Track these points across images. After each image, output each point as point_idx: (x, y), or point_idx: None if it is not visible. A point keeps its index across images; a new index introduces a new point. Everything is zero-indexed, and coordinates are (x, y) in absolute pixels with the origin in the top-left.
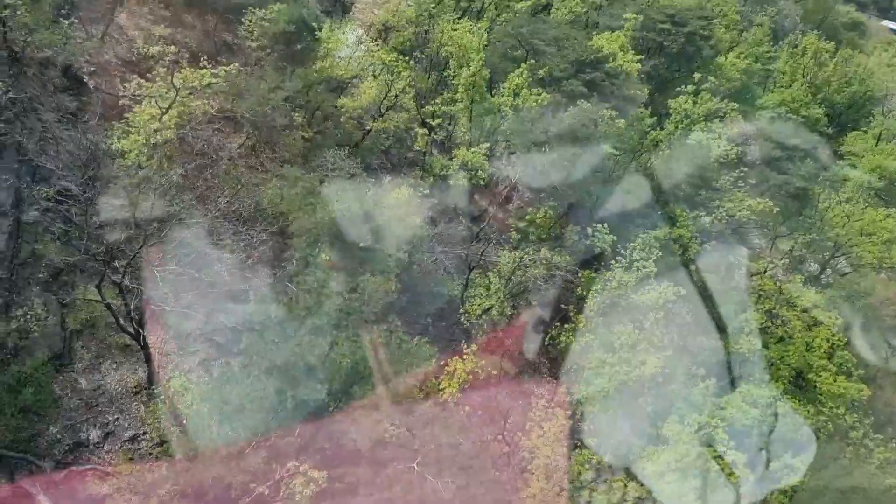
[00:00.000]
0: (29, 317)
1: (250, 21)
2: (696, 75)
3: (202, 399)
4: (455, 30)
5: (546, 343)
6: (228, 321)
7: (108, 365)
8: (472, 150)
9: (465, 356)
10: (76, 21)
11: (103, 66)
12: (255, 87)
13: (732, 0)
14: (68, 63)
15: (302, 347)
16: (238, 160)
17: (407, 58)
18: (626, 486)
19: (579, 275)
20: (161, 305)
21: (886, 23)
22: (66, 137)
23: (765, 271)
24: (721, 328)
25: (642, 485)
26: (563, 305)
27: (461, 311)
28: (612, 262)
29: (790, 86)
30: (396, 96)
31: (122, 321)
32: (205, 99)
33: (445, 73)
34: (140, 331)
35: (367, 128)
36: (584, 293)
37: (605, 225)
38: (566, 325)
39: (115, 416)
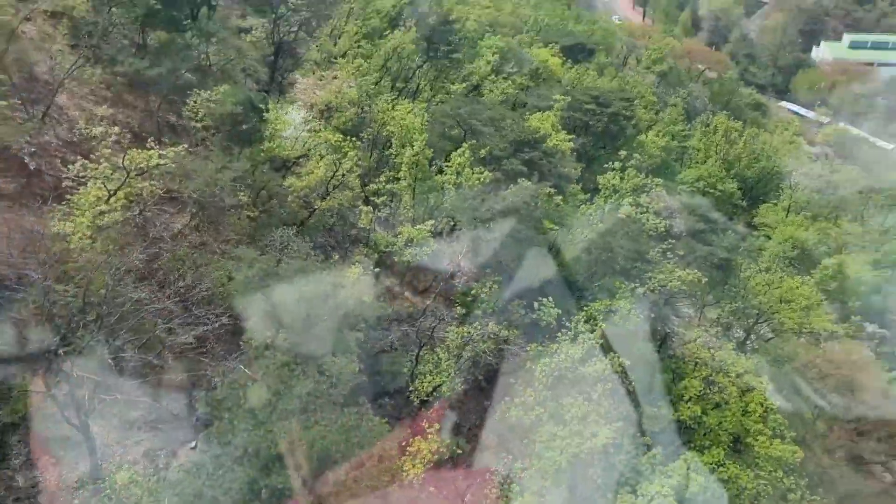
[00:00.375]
0: None
1: (195, 102)
2: (622, 152)
3: (151, 493)
4: (396, 111)
5: (497, 418)
6: (175, 408)
7: (46, 460)
8: (417, 227)
9: (428, 436)
10: (17, 102)
11: (44, 147)
12: (203, 168)
13: (648, 82)
14: (7, 144)
15: (274, 434)
16: (183, 241)
17: (353, 138)
18: None
19: (527, 349)
20: (112, 394)
21: (784, 104)
22: (3, 220)
23: (695, 339)
24: (662, 396)
25: None
26: (511, 380)
27: (411, 388)
28: (559, 334)
29: (705, 161)
30: (343, 175)
31: (66, 412)
32: (152, 180)
33: (387, 152)
34: (86, 421)
35: (314, 207)
36: (532, 366)
37: (550, 298)
38: (516, 400)
39: None
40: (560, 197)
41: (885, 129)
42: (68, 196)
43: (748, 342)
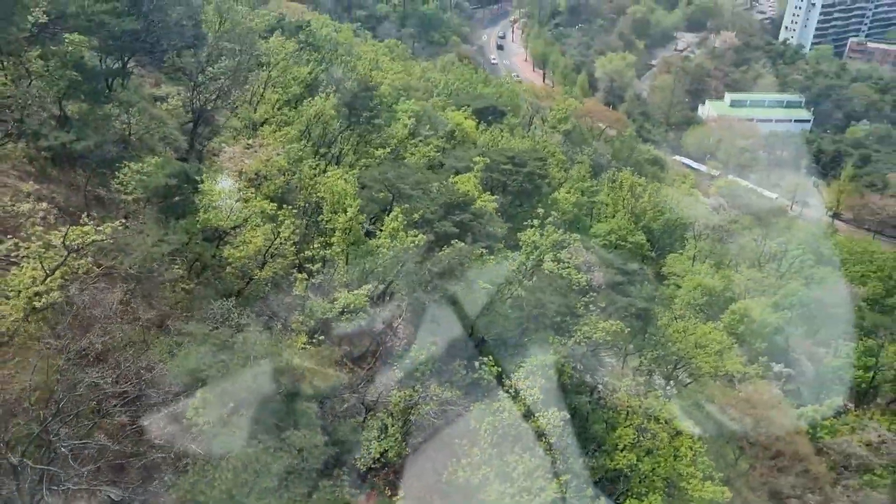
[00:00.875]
0: None
1: (125, 175)
2: (540, 210)
3: None
4: (328, 177)
5: (445, 479)
6: (122, 495)
7: None
8: (354, 292)
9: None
10: None
11: None
12: (140, 242)
13: (555, 141)
14: None
15: None
16: (117, 318)
17: (290, 207)
18: None
19: (469, 407)
20: (63, 484)
21: (678, 158)
22: None
23: (623, 388)
24: (598, 447)
25: None
26: (456, 440)
27: (358, 456)
28: (500, 391)
29: (614, 216)
30: (281, 244)
31: None
32: (88, 256)
33: (318, 218)
34: None
35: (250, 277)
36: (476, 425)
37: (490, 357)
38: (462, 460)
39: None
40: (492, 257)
41: (768, 179)
42: None
43: (668, 387)
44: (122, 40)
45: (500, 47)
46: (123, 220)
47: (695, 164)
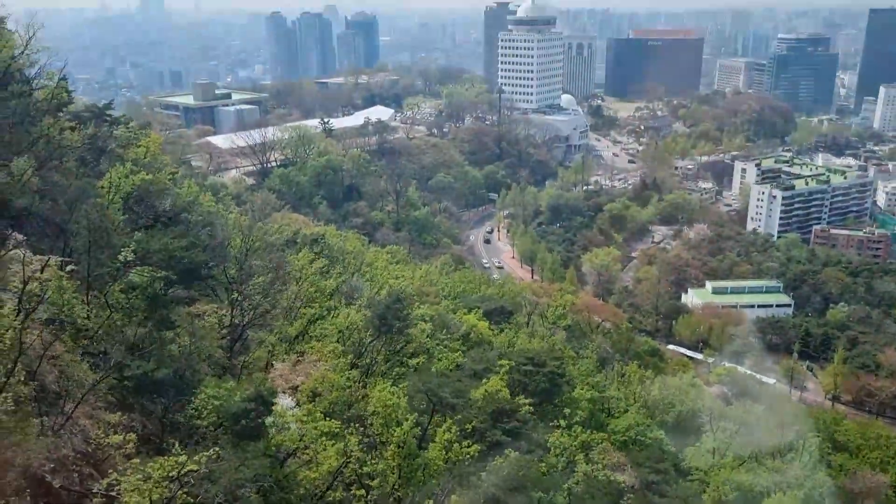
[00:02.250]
0: None
1: (200, 401)
2: (567, 410)
3: None
4: (380, 391)
5: None
6: None
7: None
8: None
9: None
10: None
11: (62, 462)
12: (226, 469)
13: (560, 337)
14: (28, 462)
15: None
16: None
17: (352, 423)
18: None
19: None
20: None
21: (672, 347)
22: None
23: None
24: None
25: None
26: None
27: None
28: None
29: (626, 410)
30: (348, 463)
31: None
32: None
33: (371, 431)
34: None
35: (319, 496)
36: None
37: None
38: None
39: None
40: (543, 464)
41: (763, 365)
42: None
43: None
44: (193, 272)
45: (487, 241)
46: (217, 449)
47: (690, 353)
